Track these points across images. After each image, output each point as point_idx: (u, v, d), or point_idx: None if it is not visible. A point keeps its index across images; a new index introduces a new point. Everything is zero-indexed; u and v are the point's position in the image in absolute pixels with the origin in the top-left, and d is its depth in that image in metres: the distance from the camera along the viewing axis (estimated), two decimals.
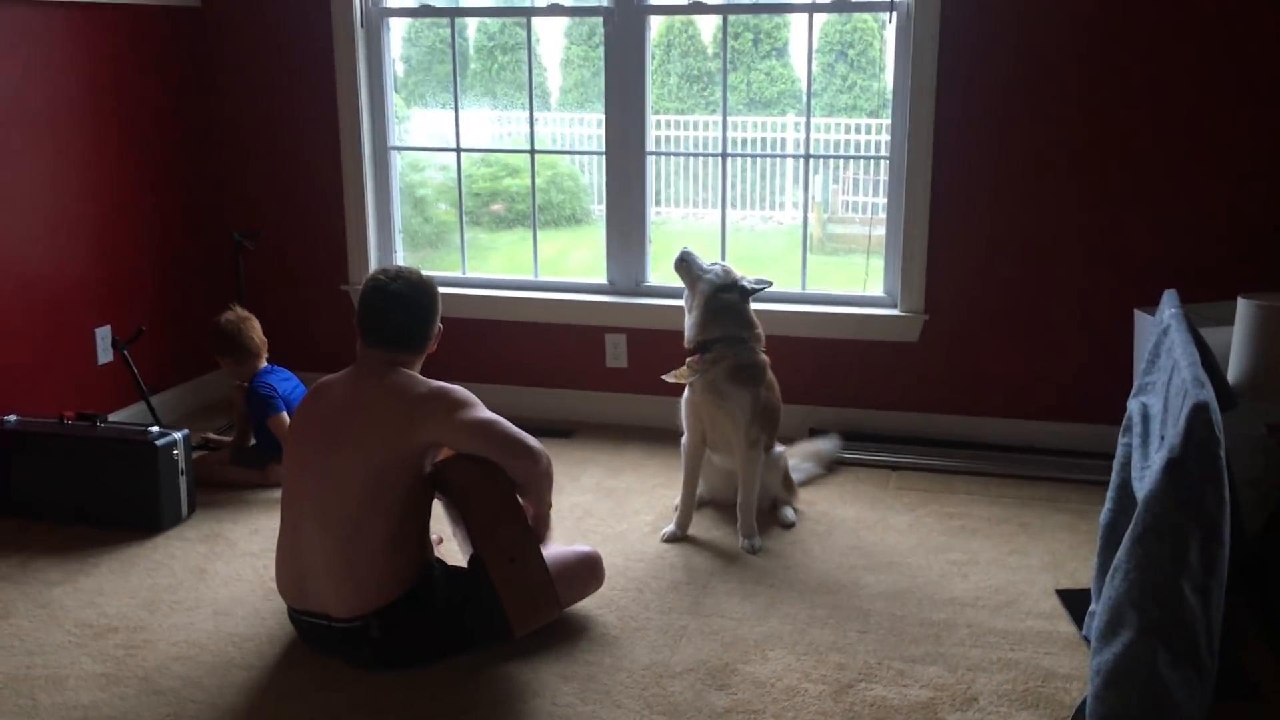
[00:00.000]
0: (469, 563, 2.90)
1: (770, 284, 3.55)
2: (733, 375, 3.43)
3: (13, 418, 3.75)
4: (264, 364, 4.04)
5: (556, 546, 3.04)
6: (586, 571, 3.05)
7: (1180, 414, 2.07)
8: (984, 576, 3.29)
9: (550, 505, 2.95)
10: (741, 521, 3.51)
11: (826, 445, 4.14)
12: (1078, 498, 3.85)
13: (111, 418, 4.13)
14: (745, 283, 3.49)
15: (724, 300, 3.46)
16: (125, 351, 4.11)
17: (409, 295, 2.84)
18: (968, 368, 4.30)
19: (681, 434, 3.63)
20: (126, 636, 2.97)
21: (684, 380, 3.48)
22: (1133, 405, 2.71)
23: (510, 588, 2.71)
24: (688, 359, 3.47)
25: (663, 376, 3.56)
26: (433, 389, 2.78)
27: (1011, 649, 2.88)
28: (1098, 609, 2.30)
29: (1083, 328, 4.16)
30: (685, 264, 3.55)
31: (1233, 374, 3.03)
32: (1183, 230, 4.00)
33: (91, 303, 4.26)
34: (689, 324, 3.51)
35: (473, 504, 2.74)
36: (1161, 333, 2.72)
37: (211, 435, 4.32)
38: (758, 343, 3.52)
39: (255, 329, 4.05)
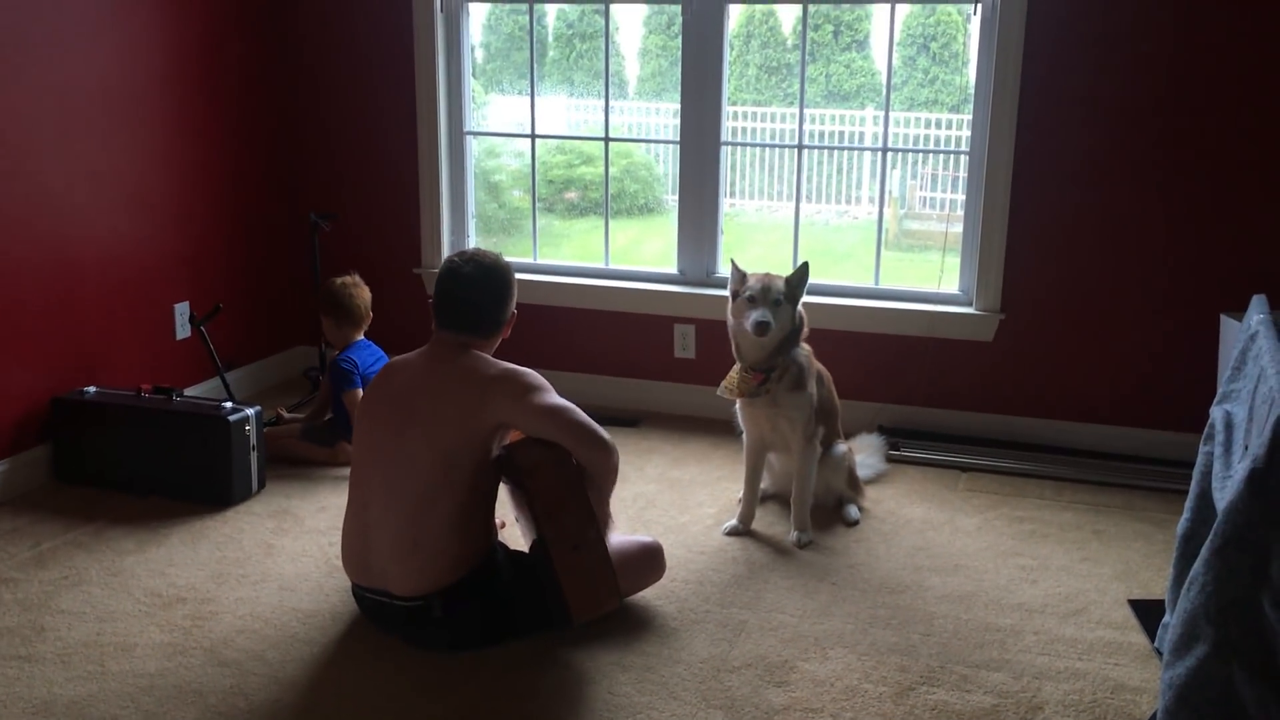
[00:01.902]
0: (531, 548, 2.90)
1: (805, 265, 3.40)
2: (791, 384, 3.40)
3: (92, 389, 3.84)
4: (361, 336, 4.11)
5: (618, 536, 3.04)
6: (647, 562, 3.04)
7: (1266, 423, 2.00)
8: (1054, 583, 3.22)
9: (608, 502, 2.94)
10: (795, 514, 3.49)
11: (876, 438, 4.11)
12: (1154, 506, 3.75)
13: (187, 392, 4.21)
14: (786, 293, 3.35)
15: (789, 324, 3.37)
16: (202, 328, 4.18)
17: (481, 279, 2.84)
18: (1043, 369, 4.21)
19: (740, 432, 3.60)
20: (194, 608, 3.02)
21: (740, 396, 3.42)
22: (1216, 413, 2.64)
23: (572, 575, 2.70)
24: (741, 372, 3.41)
25: (718, 393, 3.48)
26: (504, 370, 2.78)
27: (1080, 658, 2.81)
28: (1172, 621, 2.24)
29: (1165, 331, 4.05)
30: (766, 320, 3.30)
31: None
32: (1272, 233, 3.87)
33: (171, 279, 4.34)
34: (752, 343, 3.35)
35: (539, 488, 2.73)
36: (1249, 339, 2.63)
37: (284, 412, 4.38)
38: (803, 339, 3.47)
39: (364, 297, 4.14)
